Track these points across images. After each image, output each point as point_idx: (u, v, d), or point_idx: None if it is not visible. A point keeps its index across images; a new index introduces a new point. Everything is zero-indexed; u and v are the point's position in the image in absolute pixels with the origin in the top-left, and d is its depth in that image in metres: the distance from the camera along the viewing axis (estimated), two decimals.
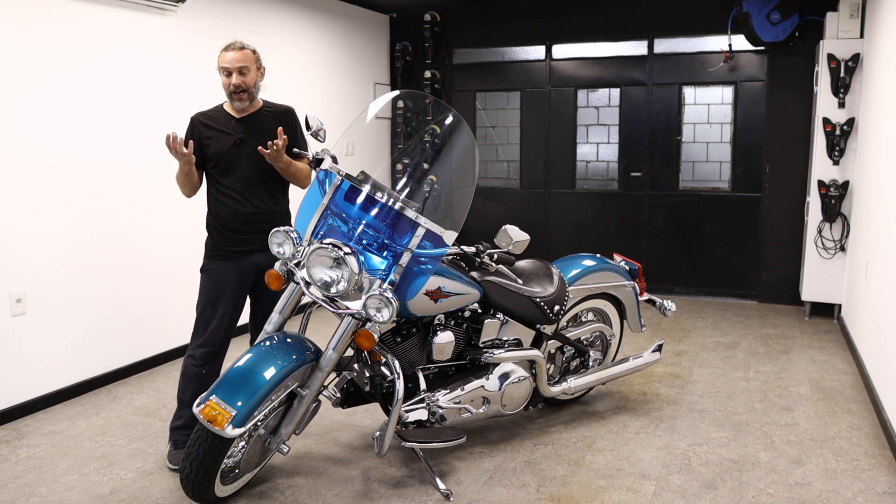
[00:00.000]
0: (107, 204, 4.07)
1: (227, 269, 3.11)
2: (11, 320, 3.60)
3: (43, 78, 3.70)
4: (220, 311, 3.10)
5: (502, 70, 6.74)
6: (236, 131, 3.08)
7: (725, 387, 4.06)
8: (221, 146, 3.06)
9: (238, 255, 3.12)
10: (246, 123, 3.11)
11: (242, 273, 3.14)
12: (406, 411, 2.88)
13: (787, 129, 5.79)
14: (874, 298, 3.93)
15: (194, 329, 3.13)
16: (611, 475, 3.03)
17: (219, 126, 3.08)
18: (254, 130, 3.11)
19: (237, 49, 3.03)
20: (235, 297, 3.14)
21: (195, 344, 3.11)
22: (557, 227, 6.70)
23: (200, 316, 3.12)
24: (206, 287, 3.12)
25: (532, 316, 3.26)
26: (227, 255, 3.12)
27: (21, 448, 3.32)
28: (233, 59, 3.01)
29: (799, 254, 5.84)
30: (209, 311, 3.10)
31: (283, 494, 2.88)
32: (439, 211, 2.91)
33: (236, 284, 3.13)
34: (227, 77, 3.03)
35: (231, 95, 3.06)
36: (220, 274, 3.11)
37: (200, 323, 3.11)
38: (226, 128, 3.08)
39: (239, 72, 3.02)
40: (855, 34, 5.08)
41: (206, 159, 3.08)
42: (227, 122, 3.09)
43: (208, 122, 3.09)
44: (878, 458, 3.17)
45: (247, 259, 3.13)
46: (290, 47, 5.56)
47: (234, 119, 3.10)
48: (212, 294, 3.10)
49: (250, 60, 3.05)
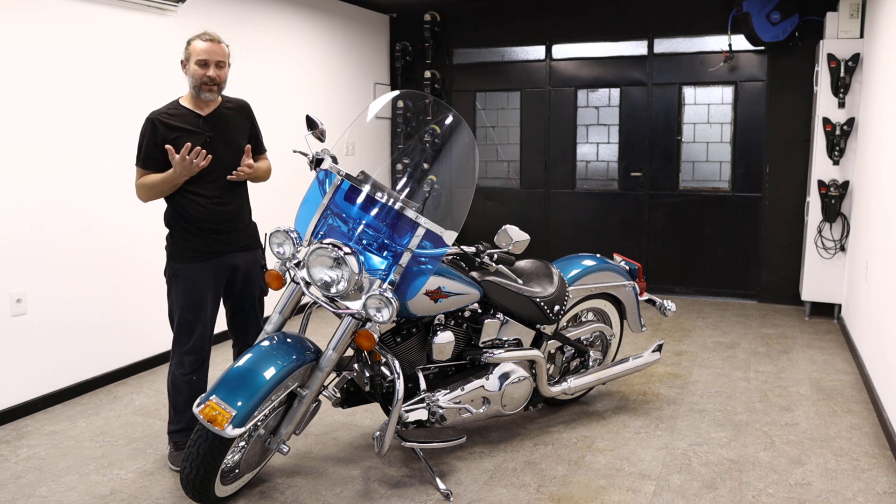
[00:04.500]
0: (106, 204, 4.07)
1: (202, 271, 3.01)
2: (11, 320, 3.60)
3: (43, 78, 3.70)
4: (202, 315, 3.03)
5: (502, 70, 6.74)
6: (204, 130, 2.98)
7: (725, 387, 4.06)
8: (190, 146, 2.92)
9: (213, 255, 3.03)
10: (212, 121, 3.01)
11: (218, 274, 3.06)
12: (406, 411, 2.88)
13: (787, 129, 5.79)
14: (874, 298, 3.93)
15: (176, 335, 3.04)
16: (611, 475, 3.03)
17: (185, 125, 2.94)
18: (220, 127, 3.03)
19: (215, 41, 2.94)
20: (214, 300, 3.08)
21: (181, 352, 3.03)
22: (557, 227, 6.70)
23: (182, 322, 3.01)
24: (184, 292, 3.00)
25: (532, 316, 3.26)
26: (201, 257, 3.01)
27: (21, 448, 3.32)
28: (212, 51, 2.91)
29: (799, 254, 5.84)
30: (191, 316, 3.01)
31: (283, 494, 2.88)
32: (439, 211, 2.91)
33: (214, 286, 3.06)
34: (202, 68, 2.91)
35: (201, 87, 2.93)
36: (197, 277, 3.01)
37: (183, 329, 3.02)
38: (193, 126, 2.96)
39: (216, 65, 2.94)
40: (855, 34, 5.08)
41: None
42: (194, 120, 2.97)
43: (172, 122, 2.94)
44: (878, 458, 3.17)
45: (221, 259, 3.05)
46: (290, 47, 5.56)
47: (201, 117, 2.98)
48: (190, 299, 3.00)
49: (226, 56, 2.98)
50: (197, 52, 2.91)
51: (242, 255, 3.13)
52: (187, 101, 3.01)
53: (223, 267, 3.08)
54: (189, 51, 2.94)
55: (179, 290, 3.02)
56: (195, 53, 2.92)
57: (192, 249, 3.01)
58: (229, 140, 3.04)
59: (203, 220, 2.99)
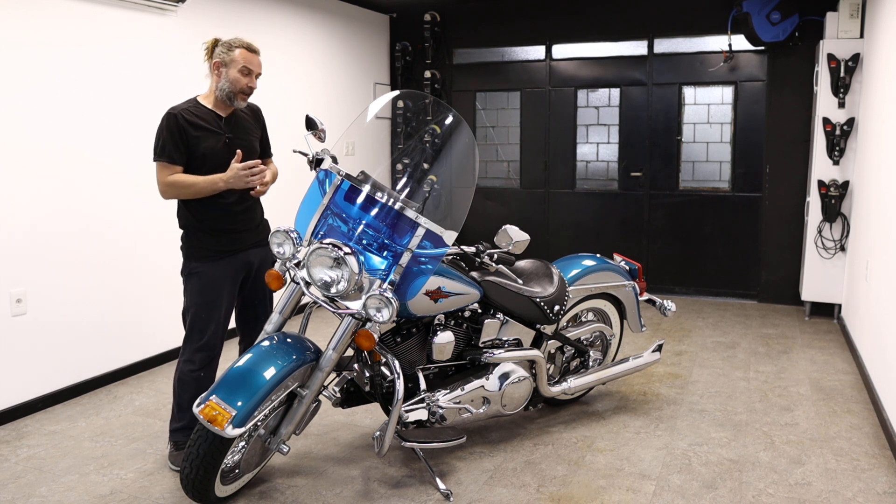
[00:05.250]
0: (107, 204, 4.07)
1: (219, 270, 3.05)
2: (11, 320, 3.60)
3: (42, 78, 3.70)
4: (216, 314, 3.05)
5: (502, 70, 6.74)
6: (225, 131, 3.04)
7: (725, 387, 4.06)
8: (211, 145, 2.99)
9: (229, 254, 3.07)
10: (231, 123, 3.08)
11: (236, 273, 3.10)
12: (406, 411, 2.88)
13: (787, 129, 5.79)
14: (874, 298, 3.93)
15: (188, 333, 3.06)
16: (611, 475, 3.03)
17: (207, 125, 2.99)
18: (238, 129, 3.10)
19: (257, 53, 3.04)
20: (230, 298, 3.11)
21: (192, 349, 3.05)
22: (557, 227, 6.70)
23: (195, 320, 3.04)
24: (199, 290, 3.03)
25: (532, 316, 3.26)
26: (218, 256, 3.05)
27: (21, 448, 3.32)
28: (256, 62, 3.02)
29: (799, 254, 5.84)
30: (204, 314, 3.03)
31: (283, 494, 2.88)
32: (439, 211, 2.91)
33: (231, 285, 3.10)
34: (245, 76, 2.99)
35: (237, 95, 3.00)
36: (214, 276, 3.04)
37: (196, 327, 3.04)
38: (216, 127, 3.01)
39: (256, 76, 3.04)
40: (855, 34, 5.08)
41: (193, 158, 2.98)
42: (215, 120, 3.02)
43: (195, 121, 2.97)
44: (878, 458, 3.17)
45: (237, 257, 3.09)
46: (291, 47, 5.56)
47: (222, 118, 3.04)
48: (206, 297, 3.03)
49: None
50: (242, 60, 2.98)
51: (256, 252, 3.18)
52: (207, 101, 3.05)
53: (239, 264, 3.12)
54: (231, 57, 2.98)
55: (195, 287, 3.05)
56: (240, 61, 2.98)
57: (209, 249, 3.04)
58: (245, 142, 3.10)
59: (221, 220, 3.04)
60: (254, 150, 3.17)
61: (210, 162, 2.99)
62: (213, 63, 3.01)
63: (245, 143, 3.10)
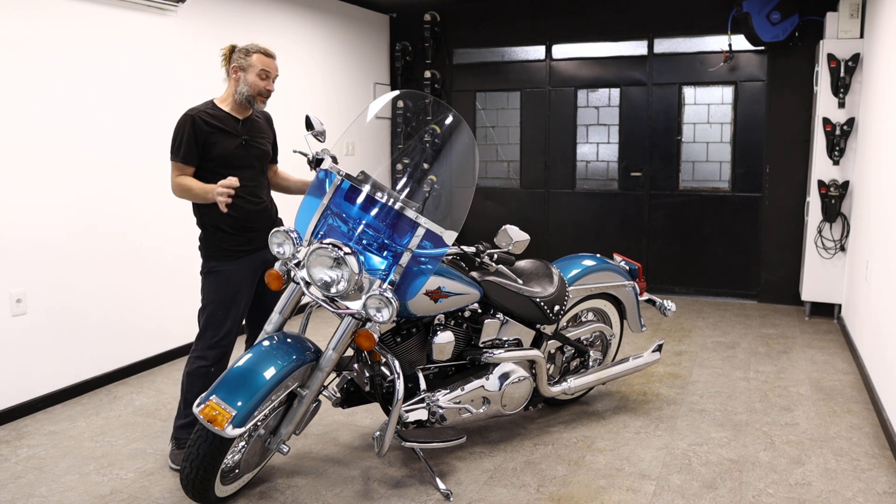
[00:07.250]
0: (107, 204, 4.07)
1: (238, 269, 3.09)
2: (11, 320, 3.60)
3: (42, 78, 3.70)
4: (232, 312, 3.08)
5: (502, 70, 6.74)
6: (241, 133, 3.10)
7: (725, 387, 4.06)
8: (227, 147, 3.05)
9: (247, 253, 3.11)
10: (248, 126, 3.14)
11: (254, 272, 3.15)
12: (406, 411, 2.88)
13: (787, 129, 5.79)
14: (874, 298, 3.93)
15: (202, 330, 3.09)
16: (611, 475, 3.03)
17: (224, 127, 3.06)
18: (254, 132, 3.16)
19: (274, 58, 3.10)
20: (247, 296, 3.15)
21: (205, 346, 3.07)
22: (557, 227, 6.70)
23: (211, 318, 3.07)
24: (217, 288, 3.08)
25: (532, 316, 3.26)
26: (236, 255, 3.09)
27: (21, 448, 3.32)
28: (274, 66, 3.09)
29: (799, 254, 5.84)
30: (220, 312, 3.07)
31: (283, 494, 2.88)
32: (439, 211, 2.91)
33: (249, 284, 3.14)
34: (263, 80, 3.05)
35: (255, 97, 3.06)
36: (232, 275, 3.08)
37: (211, 324, 3.07)
38: (232, 129, 3.07)
39: (273, 79, 3.10)
40: (855, 34, 5.08)
41: (209, 159, 3.04)
42: (233, 123, 3.08)
43: (212, 122, 3.03)
44: (878, 458, 3.17)
45: (255, 256, 3.14)
46: (291, 47, 5.56)
47: (239, 121, 3.10)
48: (223, 295, 3.07)
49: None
50: (260, 64, 3.05)
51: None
52: (225, 104, 3.11)
53: (257, 262, 3.15)
54: (250, 61, 3.04)
55: (213, 285, 3.09)
56: (258, 65, 3.04)
57: (227, 248, 3.09)
58: (260, 145, 3.18)
59: (240, 218, 3.08)
60: (266, 154, 3.23)
61: (226, 163, 3.05)
62: (232, 67, 3.08)
63: (260, 145, 3.17)
